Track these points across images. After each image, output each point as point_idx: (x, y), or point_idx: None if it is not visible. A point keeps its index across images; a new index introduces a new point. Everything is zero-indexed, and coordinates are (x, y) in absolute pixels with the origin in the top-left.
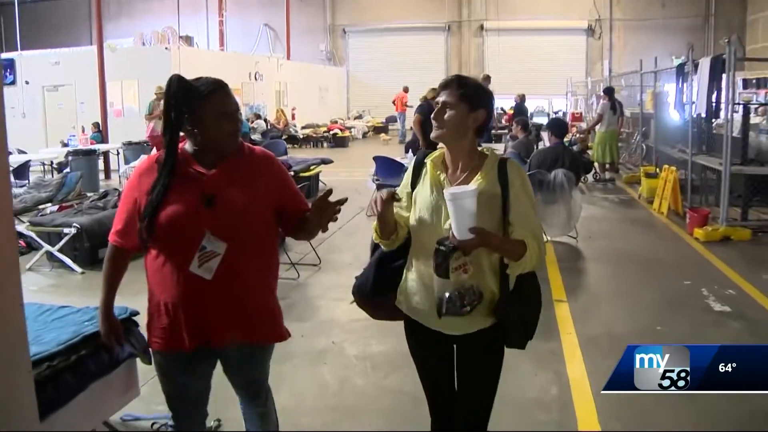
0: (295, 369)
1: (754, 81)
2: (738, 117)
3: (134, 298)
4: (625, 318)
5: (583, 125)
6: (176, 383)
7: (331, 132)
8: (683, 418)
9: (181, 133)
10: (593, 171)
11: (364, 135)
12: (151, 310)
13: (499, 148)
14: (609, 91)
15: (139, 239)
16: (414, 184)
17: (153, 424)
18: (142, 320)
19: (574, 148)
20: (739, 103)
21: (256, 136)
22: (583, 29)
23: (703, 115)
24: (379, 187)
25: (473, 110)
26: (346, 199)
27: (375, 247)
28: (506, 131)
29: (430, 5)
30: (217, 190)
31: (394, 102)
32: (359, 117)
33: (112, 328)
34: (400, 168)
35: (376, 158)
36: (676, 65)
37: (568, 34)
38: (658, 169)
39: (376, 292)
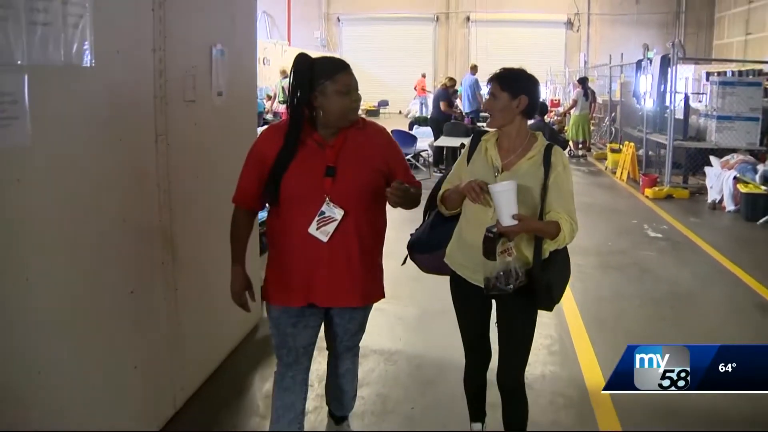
0: None
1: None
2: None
3: None
4: (587, 238)
5: (560, 110)
6: (286, 335)
7: None
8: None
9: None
10: (568, 148)
11: None
12: (269, 267)
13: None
14: (582, 81)
15: (264, 201)
16: (469, 159)
17: None
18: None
19: (554, 127)
20: (679, 93)
21: (269, 116)
22: (562, 22)
23: (655, 100)
24: None
25: (515, 97)
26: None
27: (426, 210)
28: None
29: None
30: (338, 162)
31: (414, 87)
32: None
33: (244, 285)
34: (413, 140)
35: (393, 131)
36: (636, 61)
37: (549, 27)
38: (621, 146)
39: (430, 249)
